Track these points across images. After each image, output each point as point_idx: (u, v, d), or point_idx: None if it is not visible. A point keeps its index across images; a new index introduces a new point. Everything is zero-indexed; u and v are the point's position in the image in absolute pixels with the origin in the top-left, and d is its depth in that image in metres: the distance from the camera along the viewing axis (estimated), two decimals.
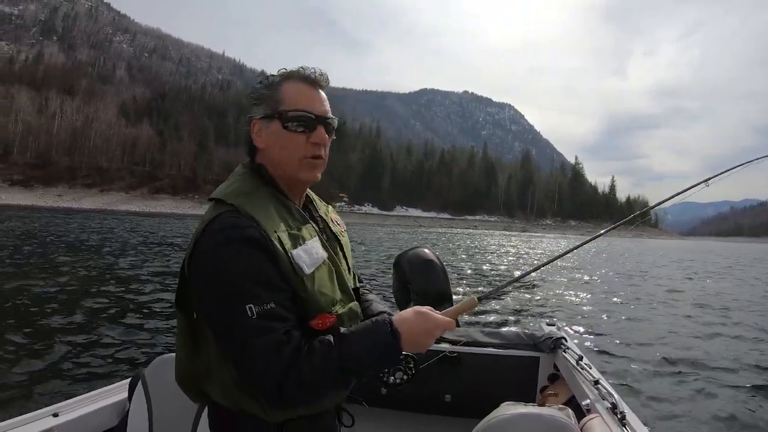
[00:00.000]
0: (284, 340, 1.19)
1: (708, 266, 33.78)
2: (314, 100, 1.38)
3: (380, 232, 64.06)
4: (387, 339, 1.25)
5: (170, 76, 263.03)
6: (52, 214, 55.81)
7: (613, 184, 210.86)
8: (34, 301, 9.27)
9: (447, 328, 1.35)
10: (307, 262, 1.28)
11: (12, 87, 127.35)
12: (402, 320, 1.30)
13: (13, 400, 4.88)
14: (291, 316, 1.24)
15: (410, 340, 1.29)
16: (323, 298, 1.30)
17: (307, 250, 1.30)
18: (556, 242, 72.11)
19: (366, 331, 1.28)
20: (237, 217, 1.23)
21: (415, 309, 1.34)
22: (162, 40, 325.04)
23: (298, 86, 1.38)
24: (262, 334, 1.17)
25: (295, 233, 1.31)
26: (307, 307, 1.28)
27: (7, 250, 17.01)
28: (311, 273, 1.28)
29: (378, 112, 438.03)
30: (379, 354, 1.26)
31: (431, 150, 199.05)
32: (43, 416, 1.97)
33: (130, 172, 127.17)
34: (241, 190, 1.32)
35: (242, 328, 1.18)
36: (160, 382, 2.05)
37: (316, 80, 1.39)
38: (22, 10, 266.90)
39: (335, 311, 1.33)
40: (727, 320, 11.78)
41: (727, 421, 5.44)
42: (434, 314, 1.34)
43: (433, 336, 1.32)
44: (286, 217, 1.34)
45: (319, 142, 1.37)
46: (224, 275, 1.19)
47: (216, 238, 1.21)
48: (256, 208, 1.27)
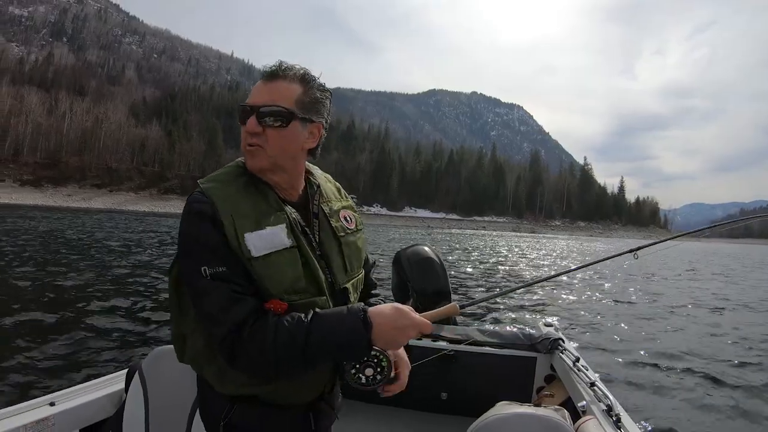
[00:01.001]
0: (235, 300, 1.24)
1: (714, 268, 33.37)
2: (253, 92, 1.41)
3: (390, 233, 63.94)
4: (357, 326, 1.25)
5: (179, 76, 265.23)
6: (63, 213, 55.82)
7: (622, 185, 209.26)
8: (32, 293, 9.37)
9: (423, 330, 1.34)
10: (257, 245, 1.30)
11: (22, 88, 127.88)
12: (377, 313, 1.29)
13: (11, 389, 4.90)
14: (245, 283, 1.28)
15: (383, 335, 1.28)
16: (273, 284, 1.30)
17: (262, 235, 1.32)
18: (566, 244, 71.59)
19: (338, 314, 1.28)
20: (199, 196, 1.33)
21: (393, 305, 1.34)
22: (171, 41, 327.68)
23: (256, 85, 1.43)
24: (213, 291, 1.24)
25: (259, 218, 1.34)
26: (261, 289, 1.30)
27: (9, 247, 17.07)
28: (260, 256, 1.30)
29: (387, 113, 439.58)
30: (347, 341, 1.26)
31: (440, 151, 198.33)
32: (40, 405, 1.97)
33: (140, 172, 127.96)
34: (217, 177, 1.40)
35: (199, 287, 1.27)
36: (157, 373, 2.06)
37: (265, 73, 1.42)
38: (32, 12, 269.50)
39: (290, 300, 1.32)
40: (727, 323, 11.66)
41: (725, 426, 5.46)
42: (412, 313, 1.33)
43: (407, 335, 1.32)
44: (258, 202, 1.37)
45: (247, 130, 1.39)
46: (183, 241, 1.31)
47: (184, 211, 1.33)
48: (220, 191, 1.34)
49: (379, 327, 1.27)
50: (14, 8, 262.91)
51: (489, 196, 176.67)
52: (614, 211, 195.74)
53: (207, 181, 1.38)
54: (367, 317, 1.26)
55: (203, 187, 1.35)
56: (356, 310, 1.28)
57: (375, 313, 1.29)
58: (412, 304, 3.48)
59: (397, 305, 1.33)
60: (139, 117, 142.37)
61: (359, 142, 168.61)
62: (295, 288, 1.35)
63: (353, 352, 1.32)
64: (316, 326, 1.24)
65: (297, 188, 1.51)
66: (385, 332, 1.28)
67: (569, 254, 41.94)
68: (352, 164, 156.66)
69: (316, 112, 1.44)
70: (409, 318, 1.31)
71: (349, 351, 1.30)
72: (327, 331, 1.24)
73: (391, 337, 1.30)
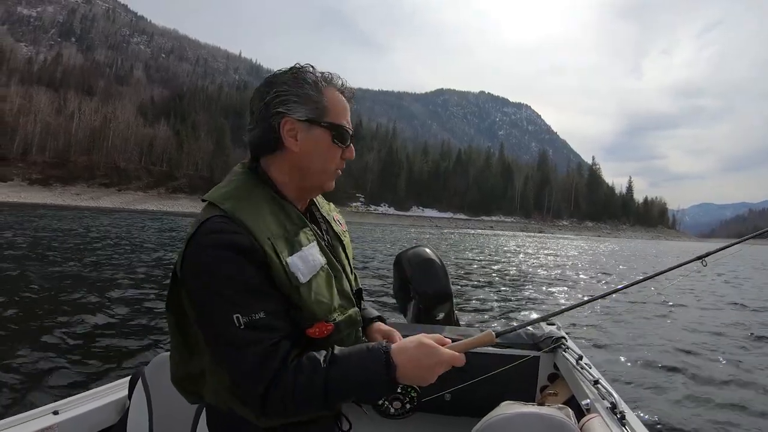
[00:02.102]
0: (271, 352, 1.15)
1: (717, 268, 32.85)
2: (350, 116, 1.37)
3: (401, 233, 63.77)
4: (380, 370, 1.16)
5: (187, 76, 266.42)
6: (72, 212, 55.84)
7: (630, 185, 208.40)
8: (34, 298, 9.19)
9: (454, 364, 1.23)
10: (303, 270, 1.22)
11: (31, 87, 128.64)
12: (401, 351, 1.20)
13: (14, 398, 4.80)
14: (282, 325, 1.19)
15: (408, 374, 1.19)
16: (320, 307, 1.25)
17: (304, 257, 1.25)
18: (579, 244, 71.19)
19: (359, 357, 1.19)
20: (226, 222, 1.18)
21: (419, 340, 1.22)
22: (179, 41, 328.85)
23: (339, 96, 1.35)
24: (249, 345, 1.14)
25: (291, 239, 1.26)
26: (303, 316, 1.23)
27: (9, 248, 16.89)
28: (308, 281, 1.23)
29: (394, 113, 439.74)
30: (369, 385, 1.17)
31: (448, 150, 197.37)
32: (43, 414, 1.96)
33: (148, 171, 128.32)
34: (236, 193, 1.27)
35: (229, 337, 1.14)
36: (160, 379, 2.02)
37: (349, 94, 1.38)
38: (41, 12, 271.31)
39: (333, 319, 1.27)
40: (729, 322, 11.42)
41: (729, 422, 5.33)
42: (439, 349, 1.22)
43: (434, 372, 1.21)
44: (284, 221, 1.28)
45: (349, 158, 1.37)
46: (212, 282, 1.15)
47: (205, 242, 1.17)
48: (249, 212, 1.22)
49: (404, 367, 1.18)
50: (23, 8, 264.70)
51: (497, 196, 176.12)
52: (622, 211, 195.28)
53: (224, 198, 1.24)
54: (390, 359, 1.17)
55: (227, 208, 1.21)
56: (378, 353, 1.18)
57: (398, 351, 1.19)
58: (413, 306, 3.61)
59: (424, 340, 1.22)
60: (148, 116, 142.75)
61: (367, 142, 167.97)
62: (335, 305, 1.30)
63: (376, 394, 1.24)
64: (335, 370, 1.16)
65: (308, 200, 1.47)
66: (409, 371, 1.19)
67: (597, 258, 41.24)
68: (360, 164, 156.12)
69: None
70: (436, 356, 1.20)
71: (371, 393, 1.21)
72: (349, 378, 1.16)
73: (417, 376, 1.20)
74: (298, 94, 1.30)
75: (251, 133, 1.35)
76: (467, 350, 1.28)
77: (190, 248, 1.19)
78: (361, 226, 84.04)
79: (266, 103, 1.31)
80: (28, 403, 4.53)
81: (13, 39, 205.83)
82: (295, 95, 1.30)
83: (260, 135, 1.33)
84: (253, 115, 1.34)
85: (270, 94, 1.31)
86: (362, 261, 19.83)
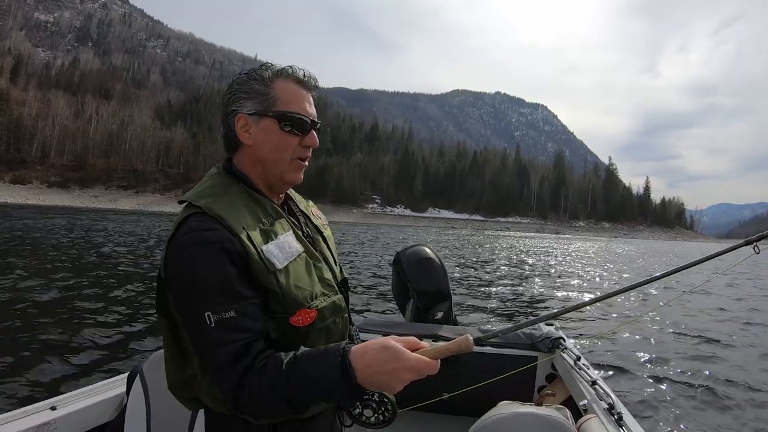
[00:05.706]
0: (242, 354, 1.13)
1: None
2: (308, 103, 1.38)
3: (413, 234, 63.47)
4: (335, 374, 1.08)
5: (203, 79, 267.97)
6: (87, 215, 56.17)
7: (647, 185, 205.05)
8: (33, 296, 9.20)
9: (424, 372, 1.10)
10: (278, 256, 1.23)
11: (49, 92, 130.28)
12: (361, 353, 1.10)
13: (12, 394, 4.84)
14: (254, 325, 1.17)
15: (369, 379, 1.08)
16: (300, 293, 1.24)
17: (279, 245, 1.26)
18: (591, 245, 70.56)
19: (317, 359, 1.12)
20: (201, 220, 1.19)
21: (382, 342, 1.11)
22: (195, 45, 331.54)
23: (291, 86, 1.36)
24: (219, 344, 1.13)
25: (267, 229, 1.27)
26: (284, 304, 1.21)
27: (11, 248, 17.08)
28: (284, 267, 1.23)
29: (410, 114, 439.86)
30: (325, 389, 1.09)
31: (463, 151, 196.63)
32: (41, 409, 1.96)
33: (165, 174, 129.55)
34: (210, 191, 1.29)
35: (202, 336, 1.15)
36: (158, 376, 1.98)
37: (307, 82, 1.38)
38: (58, 18, 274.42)
39: (315, 305, 1.26)
40: (729, 322, 11.31)
41: (726, 423, 5.34)
42: (404, 354, 1.09)
43: (400, 379, 1.08)
44: (259, 213, 1.30)
45: (311, 145, 1.37)
46: (187, 280, 1.16)
47: (182, 242, 1.18)
48: (223, 207, 1.23)
49: (362, 372, 1.08)
50: (40, 14, 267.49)
51: (513, 197, 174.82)
52: (639, 211, 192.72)
53: (199, 197, 1.26)
54: (346, 362, 1.08)
55: (202, 205, 1.23)
56: (334, 354, 1.11)
57: (357, 355, 1.10)
58: (412, 304, 3.65)
59: (387, 342, 1.11)
60: (164, 120, 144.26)
61: (383, 143, 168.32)
62: (317, 292, 1.29)
63: (340, 400, 1.14)
64: (295, 373, 1.10)
65: (282, 194, 1.48)
66: (371, 377, 1.08)
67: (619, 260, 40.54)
68: (376, 165, 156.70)
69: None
70: (400, 360, 1.08)
71: (335, 398, 1.13)
72: (306, 378, 1.10)
73: (380, 382, 1.10)
74: (246, 90, 1.33)
75: (222, 135, 1.40)
76: (441, 357, 1.16)
77: (170, 249, 1.20)
78: (379, 228, 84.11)
79: (224, 105, 1.37)
80: (26, 399, 4.64)
81: (30, 44, 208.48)
82: (243, 92, 1.33)
83: (224, 134, 1.38)
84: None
85: (227, 95, 1.36)
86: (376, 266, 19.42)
